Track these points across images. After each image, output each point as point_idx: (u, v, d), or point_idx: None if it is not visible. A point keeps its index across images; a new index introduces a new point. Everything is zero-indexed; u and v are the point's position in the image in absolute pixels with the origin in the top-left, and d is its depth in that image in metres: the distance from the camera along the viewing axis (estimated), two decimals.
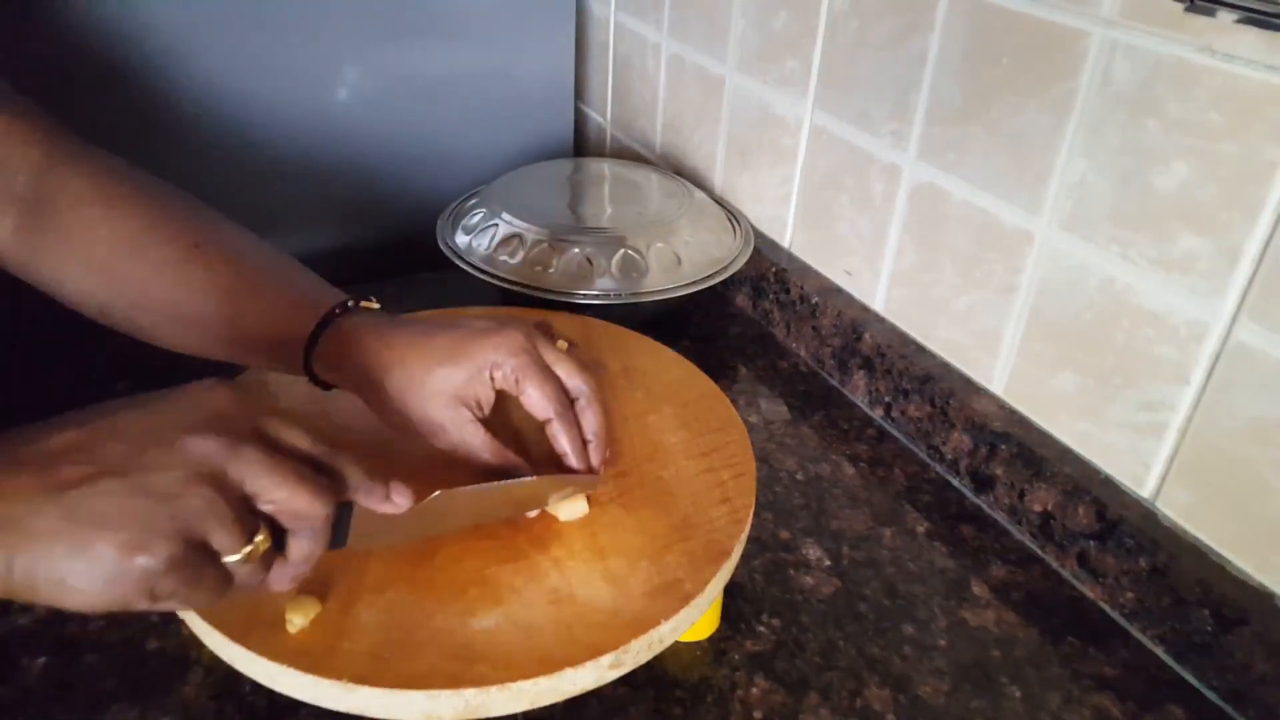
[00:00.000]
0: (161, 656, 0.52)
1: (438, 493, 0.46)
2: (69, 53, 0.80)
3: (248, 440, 0.38)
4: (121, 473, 0.35)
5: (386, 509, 0.43)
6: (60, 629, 0.54)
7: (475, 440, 0.52)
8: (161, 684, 0.51)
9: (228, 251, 0.55)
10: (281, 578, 0.41)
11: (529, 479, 0.51)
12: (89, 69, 0.81)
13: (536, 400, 0.52)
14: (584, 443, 0.54)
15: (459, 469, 0.52)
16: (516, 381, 0.52)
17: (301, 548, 0.40)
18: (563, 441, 0.53)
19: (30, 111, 0.53)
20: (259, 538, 0.38)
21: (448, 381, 0.51)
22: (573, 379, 0.54)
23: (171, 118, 0.86)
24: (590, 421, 0.54)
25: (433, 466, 0.52)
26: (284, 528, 0.40)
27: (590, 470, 0.54)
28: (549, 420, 0.53)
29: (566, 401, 0.53)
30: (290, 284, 0.55)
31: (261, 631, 0.45)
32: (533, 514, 0.53)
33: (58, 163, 0.52)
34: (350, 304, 0.54)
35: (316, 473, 0.40)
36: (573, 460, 0.53)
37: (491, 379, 0.52)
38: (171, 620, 0.54)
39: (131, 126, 0.85)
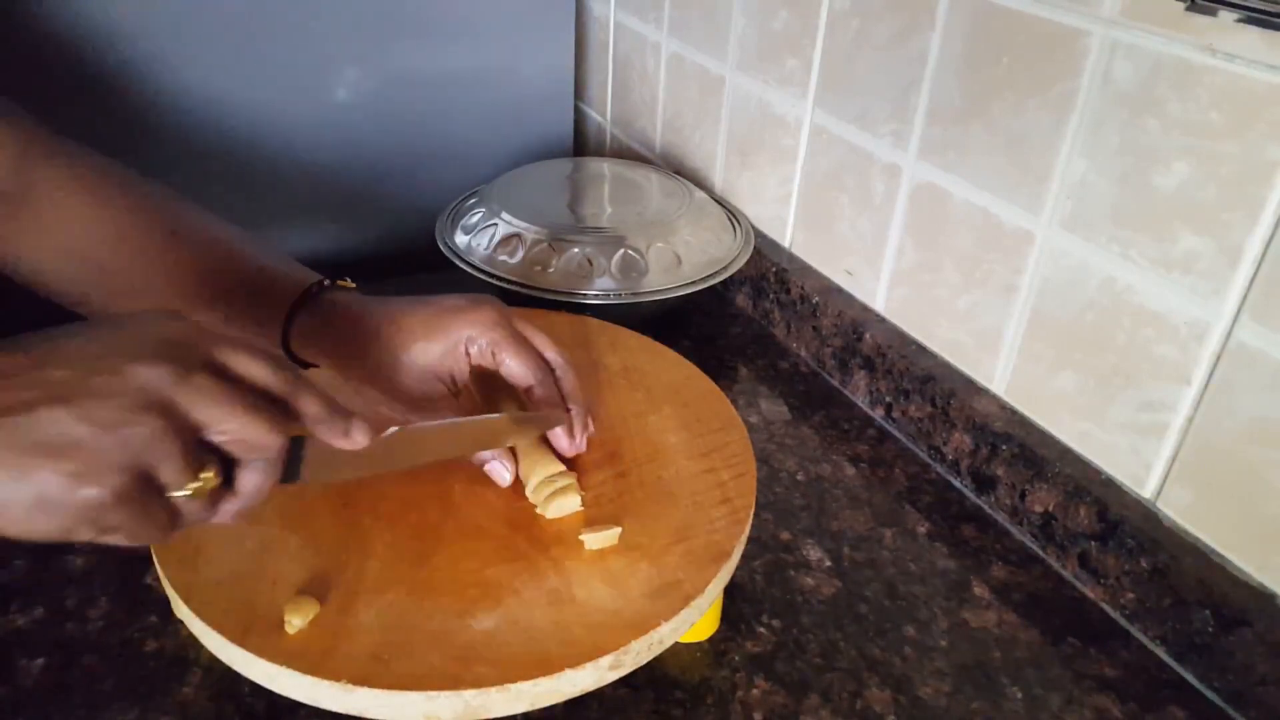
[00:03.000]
0: (160, 657, 0.52)
1: (394, 429, 0.45)
2: (64, 55, 0.80)
3: (199, 369, 0.36)
4: (64, 400, 0.34)
5: (344, 445, 0.41)
6: (59, 629, 0.53)
7: (449, 414, 0.53)
8: (160, 685, 0.51)
9: (204, 237, 0.55)
10: (228, 511, 0.39)
11: (488, 416, 0.51)
12: (86, 70, 0.81)
13: (516, 369, 0.53)
14: (566, 409, 0.55)
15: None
16: (493, 354, 0.53)
17: (252, 480, 0.39)
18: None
19: (3, 106, 0.54)
20: (207, 474, 0.37)
21: (424, 356, 0.52)
22: (548, 351, 0.56)
23: (171, 119, 0.86)
24: (569, 388, 0.56)
25: None
26: (234, 459, 0.38)
27: (569, 442, 0.55)
28: (530, 388, 0.54)
29: (546, 369, 0.55)
30: (266, 266, 0.56)
31: (260, 632, 0.45)
32: (504, 482, 0.54)
33: (33, 155, 0.53)
34: (326, 283, 0.55)
35: (272, 404, 0.38)
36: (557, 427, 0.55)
37: (467, 353, 0.53)
38: (171, 621, 0.54)
39: (130, 128, 0.85)
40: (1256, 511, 0.52)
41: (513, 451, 0.55)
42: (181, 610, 0.48)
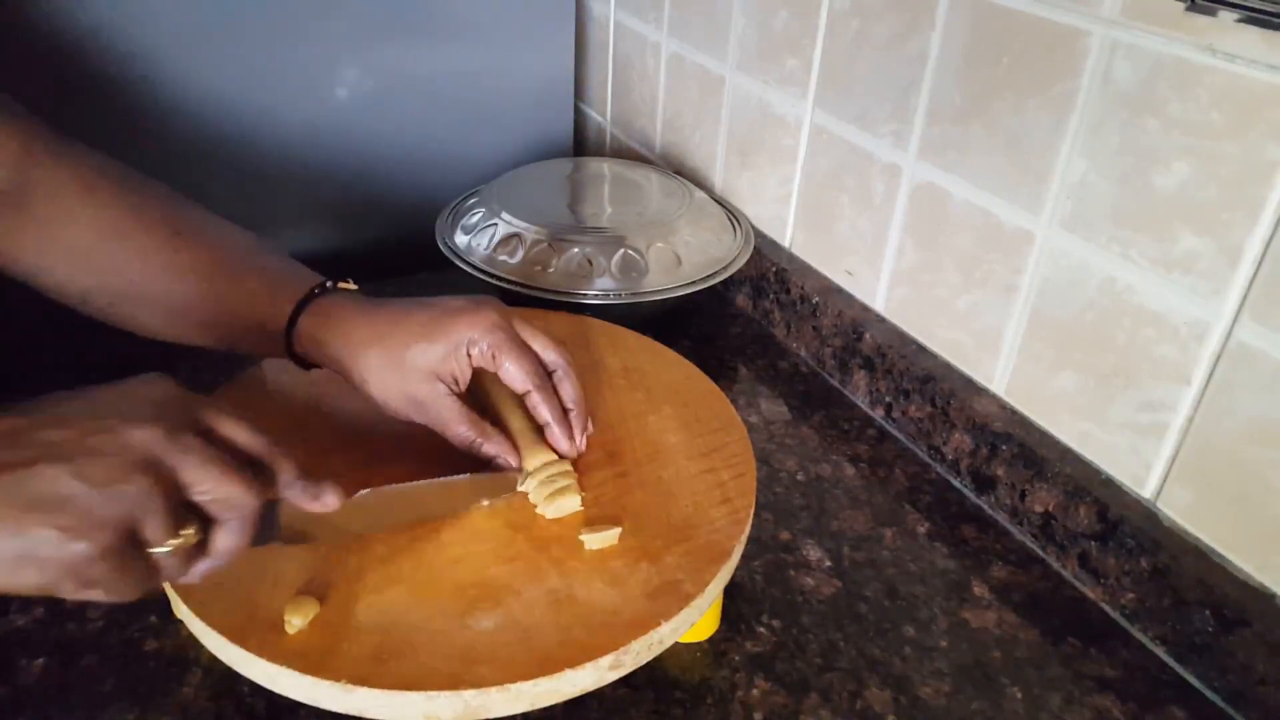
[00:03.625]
0: (160, 657, 0.52)
1: (366, 490, 0.47)
2: (64, 54, 0.80)
3: (186, 430, 0.39)
4: (62, 458, 0.36)
5: (315, 508, 0.44)
6: (59, 629, 0.53)
7: (452, 414, 0.54)
8: (160, 685, 0.51)
9: (207, 237, 0.56)
10: (200, 570, 0.41)
11: (456, 478, 0.52)
12: (86, 70, 0.81)
13: (514, 374, 0.54)
14: (564, 411, 0.56)
15: (438, 445, 0.54)
16: (494, 357, 0.53)
17: (227, 540, 0.41)
18: (543, 412, 0.55)
19: (6, 106, 0.54)
20: (187, 531, 0.39)
21: (425, 358, 0.52)
22: (548, 353, 0.56)
23: (171, 119, 0.86)
24: (568, 392, 0.56)
25: (414, 442, 0.54)
26: (210, 520, 0.40)
27: (569, 444, 0.56)
28: (528, 392, 0.54)
29: (544, 374, 0.55)
30: (269, 267, 0.56)
31: (260, 632, 0.45)
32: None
33: (36, 155, 0.53)
34: (328, 285, 0.55)
35: (249, 466, 0.41)
36: (555, 429, 0.55)
37: (468, 355, 0.53)
38: (171, 621, 0.54)
39: (131, 128, 0.84)
40: (1256, 511, 0.52)
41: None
42: (181, 610, 0.48)
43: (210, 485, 0.39)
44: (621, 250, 0.80)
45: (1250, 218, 0.49)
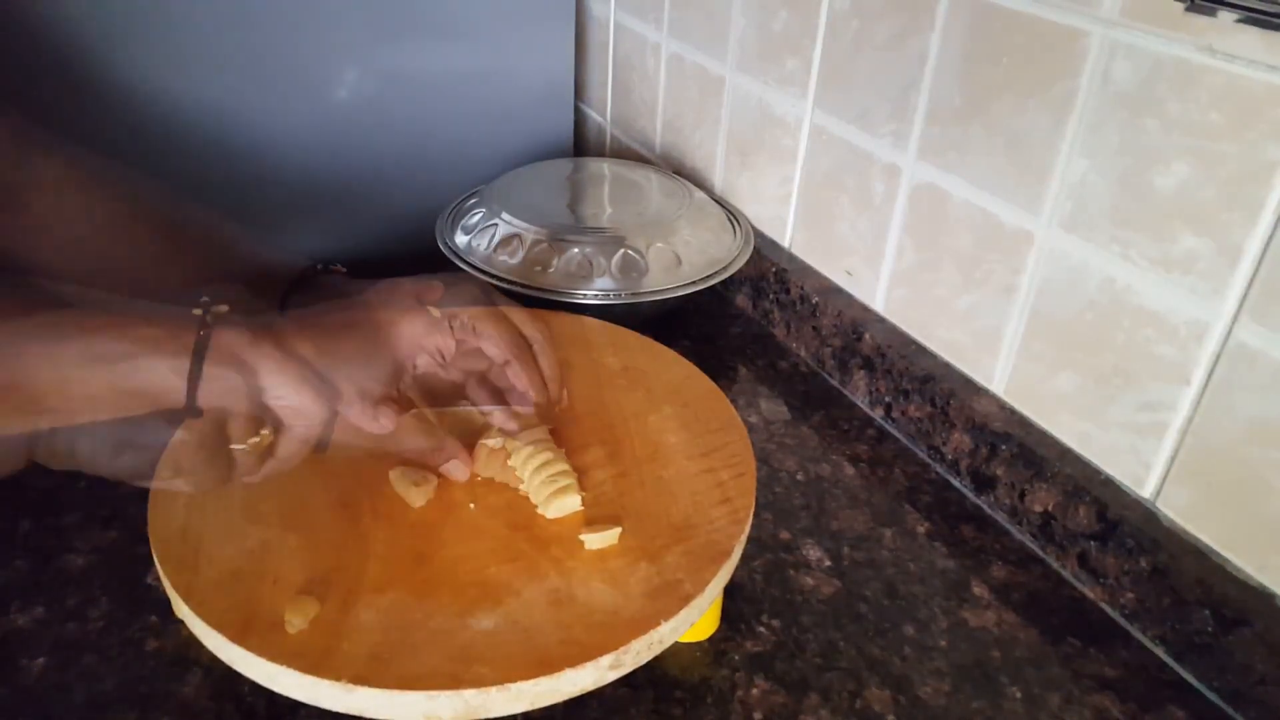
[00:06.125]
0: (160, 657, 0.52)
1: (414, 410, 0.51)
2: (61, 57, 0.80)
3: (266, 337, 0.41)
4: (162, 351, 0.39)
5: (373, 429, 0.47)
6: (59, 629, 0.53)
7: (440, 388, 0.56)
8: (160, 685, 0.51)
9: (199, 228, 0.58)
10: (264, 472, 0.44)
11: (495, 407, 0.56)
12: (84, 73, 0.81)
13: (495, 343, 0.56)
14: (542, 382, 0.58)
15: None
16: (474, 329, 0.55)
17: (290, 445, 0.43)
18: (523, 380, 0.57)
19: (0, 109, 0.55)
20: (265, 431, 0.42)
21: (410, 330, 0.54)
22: (526, 326, 0.58)
23: (170, 120, 0.86)
24: (545, 364, 0.58)
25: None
26: (277, 427, 0.43)
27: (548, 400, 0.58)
28: (508, 361, 0.56)
29: (524, 344, 0.57)
30: (261, 253, 0.58)
31: (260, 632, 0.45)
32: (462, 477, 0.56)
33: (29, 150, 0.54)
34: (318, 267, 0.58)
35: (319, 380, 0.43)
36: (533, 397, 0.57)
37: (450, 328, 0.55)
38: (171, 621, 0.54)
39: (130, 130, 0.84)
40: (1256, 511, 0.52)
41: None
42: (181, 610, 0.48)
43: (286, 392, 0.41)
44: (621, 250, 0.80)
45: (1250, 218, 0.49)
